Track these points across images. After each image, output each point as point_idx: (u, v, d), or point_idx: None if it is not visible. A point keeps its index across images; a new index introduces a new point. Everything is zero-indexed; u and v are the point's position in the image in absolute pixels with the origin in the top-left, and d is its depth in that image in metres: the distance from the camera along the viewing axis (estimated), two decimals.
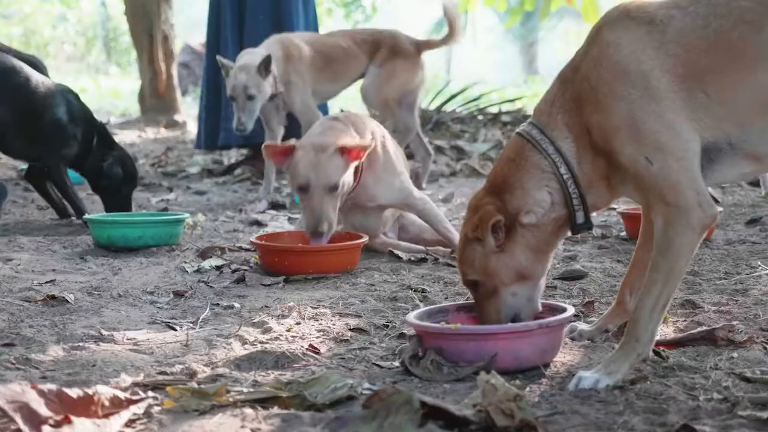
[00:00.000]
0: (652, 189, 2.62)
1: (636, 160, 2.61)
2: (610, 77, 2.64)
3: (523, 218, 2.78)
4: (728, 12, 2.62)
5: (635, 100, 2.60)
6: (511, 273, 2.82)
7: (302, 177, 4.23)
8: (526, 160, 2.79)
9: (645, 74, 2.61)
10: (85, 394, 2.34)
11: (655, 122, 2.58)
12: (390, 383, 2.65)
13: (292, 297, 3.77)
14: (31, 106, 5.48)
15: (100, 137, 5.81)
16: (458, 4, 16.62)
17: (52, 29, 31.32)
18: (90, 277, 4.18)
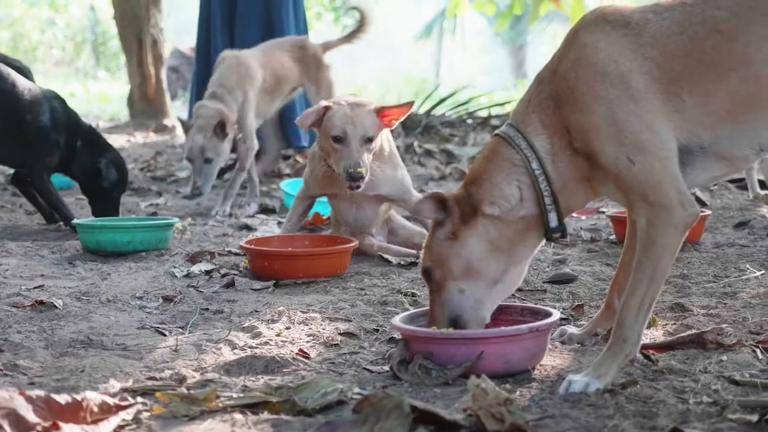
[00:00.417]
0: (634, 189, 2.63)
1: (617, 159, 2.62)
2: (589, 77, 2.66)
3: (485, 208, 2.78)
4: (703, 20, 2.65)
5: (614, 99, 2.62)
6: (461, 263, 2.81)
7: (339, 128, 4.31)
8: (498, 154, 2.81)
9: (624, 75, 2.63)
10: (73, 400, 2.33)
11: (635, 122, 2.60)
12: (380, 388, 2.65)
13: (281, 301, 3.76)
14: (17, 112, 5.46)
15: (88, 140, 5.78)
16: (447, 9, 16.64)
17: (40, 33, 31.21)
18: (79, 282, 4.17)
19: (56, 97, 5.74)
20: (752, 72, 2.60)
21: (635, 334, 2.64)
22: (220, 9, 8.47)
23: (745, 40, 2.60)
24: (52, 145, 5.59)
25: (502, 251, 2.81)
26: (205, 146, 6.43)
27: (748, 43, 2.60)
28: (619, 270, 3.10)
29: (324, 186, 4.66)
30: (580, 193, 2.80)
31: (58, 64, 30.32)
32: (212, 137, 6.43)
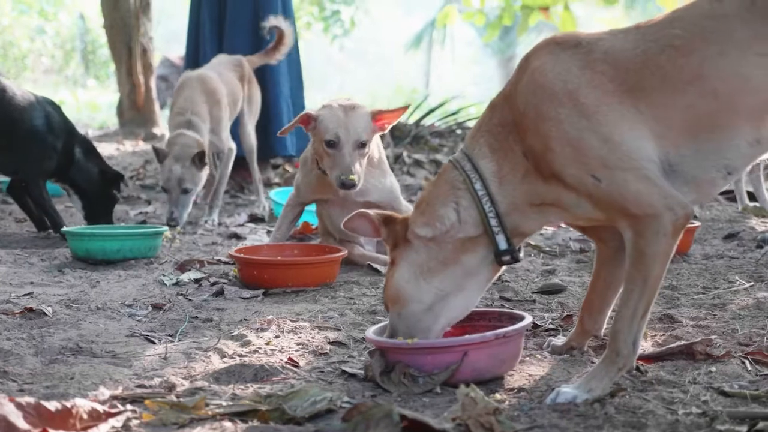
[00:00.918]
0: (611, 206, 2.59)
1: (582, 180, 2.59)
2: (538, 101, 2.64)
3: (417, 229, 2.77)
4: (657, 38, 2.64)
5: (565, 119, 2.60)
6: (393, 287, 2.81)
7: (331, 132, 4.29)
8: (442, 178, 2.81)
9: (571, 92, 2.61)
10: (63, 407, 2.33)
11: (591, 138, 2.57)
12: (369, 396, 2.65)
13: (271, 310, 3.76)
14: (9, 118, 5.46)
15: (86, 149, 5.82)
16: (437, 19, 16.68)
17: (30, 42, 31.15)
18: (68, 289, 4.16)
19: (51, 103, 5.75)
20: (709, 87, 2.58)
21: (629, 346, 2.62)
22: (209, 18, 8.48)
23: (701, 54, 2.59)
24: (48, 149, 5.59)
25: (434, 274, 2.78)
26: (183, 176, 6.20)
27: (704, 57, 2.58)
28: (590, 292, 3.08)
29: (316, 191, 4.66)
30: (534, 217, 2.77)
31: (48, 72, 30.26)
32: (191, 167, 6.21)
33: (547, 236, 5.63)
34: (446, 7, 16.32)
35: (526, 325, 2.88)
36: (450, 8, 15.35)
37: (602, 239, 2.97)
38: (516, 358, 2.85)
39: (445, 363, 2.71)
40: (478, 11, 15.16)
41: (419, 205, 2.81)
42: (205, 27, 8.49)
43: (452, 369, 2.69)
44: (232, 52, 7.77)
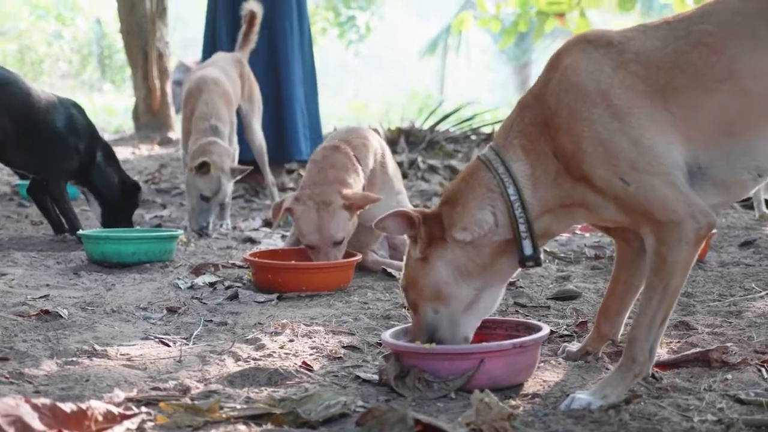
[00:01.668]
0: (636, 209, 2.58)
1: (610, 182, 2.58)
2: (570, 99, 2.63)
3: (456, 234, 2.75)
4: (687, 34, 2.63)
5: (597, 119, 2.58)
6: (431, 286, 2.79)
7: (307, 237, 4.35)
8: (475, 179, 2.78)
9: (604, 92, 2.59)
10: (78, 408, 2.33)
11: (622, 140, 2.56)
12: (383, 401, 2.65)
13: (285, 314, 3.77)
14: (32, 118, 5.51)
15: (108, 153, 5.87)
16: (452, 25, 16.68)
17: (47, 46, 31.27)
18: (83, 292, 4.17)
19: (75, 105, 5.81)
20: (741, 86, 2.57)
21: (645, 353, 2.60)
22: (225, 22, 8.50)
23: (732, 53, 2.58)
24: (70, 150, 5.64)
25: (473, 276, 2.78)
26: (226, 189, 6.16)
27: (734, 56, 2.58)
28: (608, 295, 3.07)
29: None
30: (563, 218, 2.76)
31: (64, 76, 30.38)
32: (230, 178, 6.17)
33: (561, 242, 5.62)
34: (462, 13, 16.30)
35: (543, 336, 2.87)
36: (465, 14, 15.33)
37: (626, 239, 2.95)
38: (532, 369, 2.84)
39: (461, 369, 2.70)
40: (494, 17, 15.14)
41: (454, 207, 2.78)
42: (221, 31, 8.51)
43: (468, 375, 2.69)
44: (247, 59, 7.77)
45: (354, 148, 4.49)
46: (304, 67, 8.60)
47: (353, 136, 4.62)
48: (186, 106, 6.62)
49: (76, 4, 32.03)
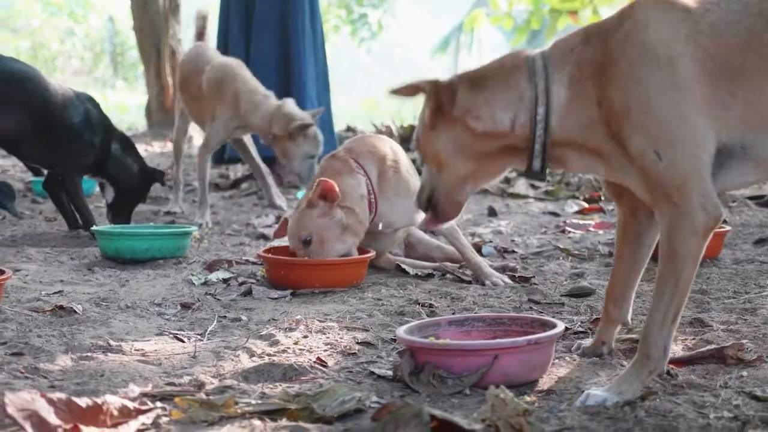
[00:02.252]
0: (658, 186, 2.53)
1: (644, 152, 2.52)
2: (635, 55, 2.54)
3: (468, 120, 2.70)
4: (760, 11, 2.54)
5: (655, 84, 2.51)
6: (432, 152, 2.78)
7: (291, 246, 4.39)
8: (512, 79, 2.69)
9: (672, 60, 2.50)
10: (94, 403, 2.34)
11: (671, 111, 2.49)
12: (398, 396, 2.65)
13: (299, 310, 3.77)
14: (48, 113, 5.53)
15: (125, 144, 5.90)
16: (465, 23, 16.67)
17: (59, 43, 31.39)
18: (98, 288, 4.18)
19: (90, 99, 5.83)
20: None
21: (659, 349, 2.59)
22: (237, 19, 8.51)
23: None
24: (86, 145, 5.66)
25: (472, 159, 2.75)
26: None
27: None
28: (612, 277, 3.04)
29: None
30: (578, 161, 2.71)
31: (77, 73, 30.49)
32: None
33: (575, 240, 5.62)
34: (474, 10, 16.30)
35: (558, 333, 2.85)
36: (478, 12, 15.34)
37: (633, 211, 2.90)
38: (546, 365, 2.83)
39: (475, 365, 2.70)
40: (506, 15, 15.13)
41: (476, 92, 2.71)
42: (233, 29, 8.52)
43: (482, 372, 2.68)
44: (259, 53, 7.79)
45: (358, 155, 4.49)
46: (316, 64, 8.60)
47: (358, 143, 4.61)
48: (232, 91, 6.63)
49: (89, 2, 32.15)
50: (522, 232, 6.03)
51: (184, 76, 7.04)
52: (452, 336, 3.02)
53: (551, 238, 5.72)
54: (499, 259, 4.96)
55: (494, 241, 5.54)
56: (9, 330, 3.32)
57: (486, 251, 5.10)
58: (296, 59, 8.41)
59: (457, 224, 4.75)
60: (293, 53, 8.45)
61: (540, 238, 5.73)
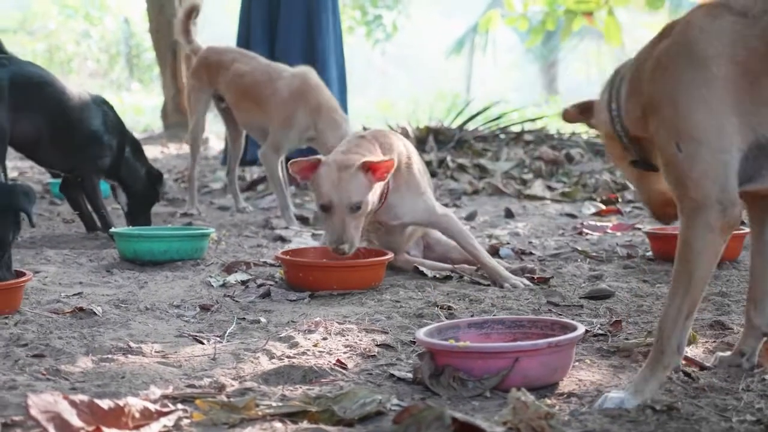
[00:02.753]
0: (678, 179, 2.56)
1: (667, 144, 2.57)
2: (674, 52, 2.60)
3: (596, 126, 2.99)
4: None
5: (686, 80, 2.55)
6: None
7: (325, 196, 4.17)
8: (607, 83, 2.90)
9: (708, 59, 2.54)
10: (116, 405, 2.35)
11: (698, 107, 2.52)
12: (418, 399, 2.65)
13: (317, 312, 3.77)
14: (66, 117, 5.55)
15: (136, 148, 5.91)
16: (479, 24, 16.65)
17: (75, 45, 31.47)
18: (116, 290, 4.19)
19: (105, 102, 5.86)
20: None
21: (673, 345, 2.59)
22: (260, 22, 8.50)
23: None
24: (104, 147, 5.70)
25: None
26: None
27: None
28: (750, 278, 2.96)
29: None
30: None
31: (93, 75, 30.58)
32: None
33: (593, 241, 5.60)
34: (489, 11, 16.27)
35: (578, 336, 2.85)
36: (493, 13, 15.31)
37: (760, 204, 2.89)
38: (567, 368, 2.83)
39: (496, 368, 2.70)
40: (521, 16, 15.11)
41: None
42: (256, 31, 8.50)
43: (503, 375, 2.68)
44: (284, 55, 7.76)
45: (378, 141, 4.48)
46: (337, 66, 8.60)
47: (379, 134, 4.61)
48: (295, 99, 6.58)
49: (105, 4, 32.22)
50: (539, 234, 6.02)
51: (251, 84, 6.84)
52: (472, 338, 3.02)
53: (569, 239, 5.71)
54: (517, 260, 4.95)
55: (511, 242, 5.54)
56: (30, 332, 3.34)
57: (504, 253, 5.10)
58: (321, 59, 8.40)
59: (469, 228, 4.76)
60: (318, 53, 8.44)
61: (557, 239, 5.72)
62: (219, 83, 7.01)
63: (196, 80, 7.19)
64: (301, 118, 6.49)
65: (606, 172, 8.86)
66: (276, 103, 6.62)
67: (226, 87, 6.97)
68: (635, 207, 7.20)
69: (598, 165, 9.39)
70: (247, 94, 6.84)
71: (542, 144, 10.23)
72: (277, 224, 6.43)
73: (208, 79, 7.09)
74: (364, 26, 30.03)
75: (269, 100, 6.67)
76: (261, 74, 6.82)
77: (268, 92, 6.69)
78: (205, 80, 7.11)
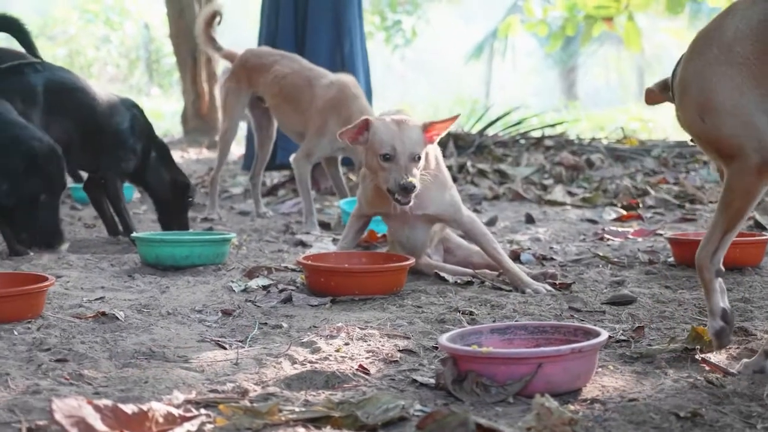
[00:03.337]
0: (710, 145, 2.84)
1: (693, 117, 2.84)
2: (703, 34, 2.87)
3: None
4: None
5: (710, 58, 2.80)
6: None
7: (387, 145, 4.27)
8: None
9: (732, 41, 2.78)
10: (139, 410, 2.36)
11: (719, 81, 2.77)
12: (441, 405, 2.64)
13: (339, 317, 3.77)
14: (96, 121, 5.64)
15: (162, 152, 5.94)
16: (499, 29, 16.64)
17: (95, 50, 31.60)
18: (138, 294, 4.21)
19: (134, 105, 5.91)
20: None
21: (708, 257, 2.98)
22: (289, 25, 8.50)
23: None
24: (128, 151, 5.76)
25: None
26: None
27: None
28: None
29: (375, 205, 4.64)
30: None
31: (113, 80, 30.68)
32: None
33: (614, 247, 5.58)
34: (509, 17, 16.28)
35: (601, 341, 2.84)
36: (513, 18, 15.33)
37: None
38: (590, 374, 2.82)
39: (519, 374, 2.69)
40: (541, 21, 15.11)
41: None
42: (285, 33, 8.50)
43: (526, 380, 2.67)
44: (313, 58, 7.76)
45: None
46: (363, 67, 8.61)
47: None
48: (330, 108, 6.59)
49: (125, 9, 32.35)
50: (560, 240, 6.00)
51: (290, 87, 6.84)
52: (495, 344, 3.02)
53: (590, 245, 5.70)
54: (538, 266, 4.94)
55: (532, 248, 5.52)
56: (53, 336, 3.35)
57: (525, 258, 5.08)
58: (349, 62, 8.41)
59: (492, 233, 4.75)
60: (347, 56, 8.46)
61: (578, 245, 5.70)
62: (259, 85, 7.00)
63: (235, 82, 7.16)
64: (333, 127, 6.45)
65: (626, 177, 8.84)
66: (312, 110, 6.63)
67: (265, 89, 6.97)
68: (656, 213, 7.18)
69: (619, 170, 9.36)
70: (286, 97, 6.85)
71: (562, 149, 10.21)
72: (298, 229, 6.44)
73: (248, 82, 7.07)
74: (384, 31, 30.05)
75: (307, 105, 6.68)
76: (301, 78, 6.83)
77: (307, 97, 6.70)
78: (244, 83, 7.09)
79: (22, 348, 3.19)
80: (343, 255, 4.61)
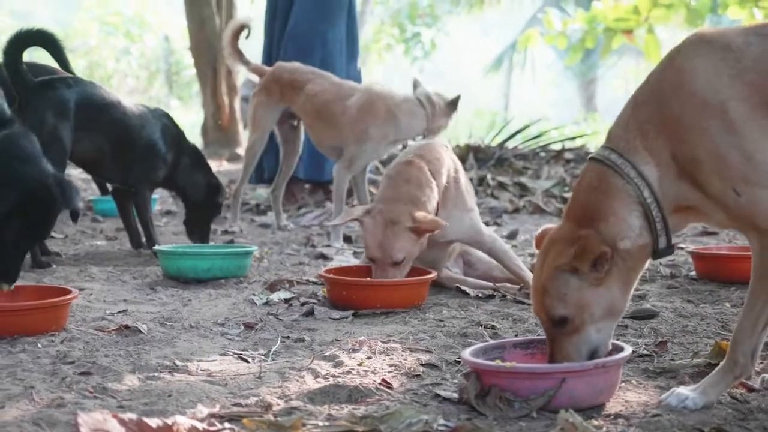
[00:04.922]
0: (744, 219, 2.64)
1: (724, 192, 2.62)
2: (692, 109, 2.63)
3: (620, 244, 2.72)
4: None
5: (715, 132, 2.60)
6: (604, 306, 2.76)
7: (370, 250, 4.36)
8: (611, 186, 2.73)
9: (722, 104, 2.60)
10: (164, 424, 2.36)
11: (735, 154, 2.58)
12: (464, 419, 2.64)
13: (361, 331, 3.77)
14: (127, 135, 5.68)
15: (195, 159, 6.01)
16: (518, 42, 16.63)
17: (115, 62, 31.77)
18: (161, 307, 4.22)
19: (165, 114, 5.95)
20: None
21: (747, 355, 2.70)
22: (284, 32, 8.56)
23: None
24: (159, 160, 5.80)
25: (629, 283, 2.79)
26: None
27: None
28: None
29: None
30: (680, 220, 2.80)
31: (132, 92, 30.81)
32: None
33: None
34: (528, 29, 16.27)
35: (625, 357, 2.83)
36: (532, 31, 15.29)
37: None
38: (614, 389, 2.81)
39: (543, 388, 2.68)
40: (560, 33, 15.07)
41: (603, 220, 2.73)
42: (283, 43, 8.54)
43: (549, 395, 2.67)
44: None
45: (428, 162, 4.48)
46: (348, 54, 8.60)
47: (427, 151, 4.60)
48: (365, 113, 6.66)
49: (145, 21, 32.53)
50: None
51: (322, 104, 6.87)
52: (517, 359, 3.01)
53: None
54: None
55: None
56: (76, 349, 3.36)
57: None
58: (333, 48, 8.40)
59: (510, 247, 4.74)
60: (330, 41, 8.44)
61: None
62: (294, 102, 7.02)
63: (266, 96, 7.15)
64: (373, 131, 6.58)
65: None
66: (346, 120, 6.68)
67: (299, 108, 7.00)
68: None
69: None
70: (319, 114, 6.88)
71: (582, 162, 10.19)
72: (319, 242, 6.45)
73: (281, 96, 7.08)
74: (403, 43, 30.08)
75: (340, 117, 6.73)
76: (331, 94, 6.87)
77: (338, 110, 6.75)
78: (277, 97, 7.09)
79: (46, 361, 3.20)
80: (365, 268, 4.61)
